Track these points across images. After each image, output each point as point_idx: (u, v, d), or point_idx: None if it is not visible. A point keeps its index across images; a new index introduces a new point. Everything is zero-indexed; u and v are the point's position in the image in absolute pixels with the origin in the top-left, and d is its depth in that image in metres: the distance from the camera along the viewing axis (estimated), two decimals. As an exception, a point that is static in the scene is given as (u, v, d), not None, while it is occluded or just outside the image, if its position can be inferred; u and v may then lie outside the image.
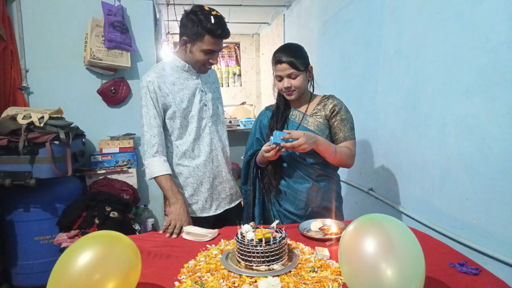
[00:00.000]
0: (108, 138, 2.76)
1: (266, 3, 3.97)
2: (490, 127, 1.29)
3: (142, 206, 2.89)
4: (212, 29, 1.42)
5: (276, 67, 1.45)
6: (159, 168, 1.47)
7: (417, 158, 1.71)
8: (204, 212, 1.61)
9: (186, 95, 1.55)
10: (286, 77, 1.44)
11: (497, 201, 1.27)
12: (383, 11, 1.98)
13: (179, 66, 1.56)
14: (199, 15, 1.43)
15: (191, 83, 1.58)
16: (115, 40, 2.62)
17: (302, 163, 1.49)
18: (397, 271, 0.71)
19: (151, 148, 1.48)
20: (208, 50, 1.47)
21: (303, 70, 1.44)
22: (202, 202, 1.60)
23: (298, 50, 1.46)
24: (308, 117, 1.51)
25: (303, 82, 1.45)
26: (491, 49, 1.27)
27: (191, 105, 1.56)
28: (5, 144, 2.04)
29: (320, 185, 1.51)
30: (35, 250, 2.25)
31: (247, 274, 0.95)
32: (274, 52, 1.47)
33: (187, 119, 1.56)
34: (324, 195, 1.52)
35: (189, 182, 1.58)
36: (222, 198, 1.66)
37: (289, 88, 1.45)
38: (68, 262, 0.76)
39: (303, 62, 1.44)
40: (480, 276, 0.93)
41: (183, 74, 1.57)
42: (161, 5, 3.86)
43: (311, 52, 3.24)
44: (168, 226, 1.36)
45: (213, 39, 1.45)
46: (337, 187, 1.57)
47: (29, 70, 2.65)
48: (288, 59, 1.40)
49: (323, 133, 1.48)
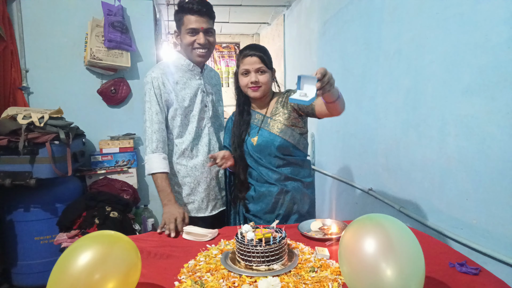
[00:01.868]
0: (108, 138, 2.76)
1: (266, 3, 3.97)
2: (490, 127, 1.28)
3: (142, 206, 2.89)
4: (187, 7, 1.46)
5: (244, 61, 1.44)
6: (157, 165, 1.47)
7: (417, 158, 1.71)
8: (200, 212, 1.61)
9: (188, 94, 1.55)
10: (254, 72, 1.43)
11: (497, 201, 1.27)
12: (383, 11, 1.97)
13: (183, 64, 1.58)
14: (178, 4, 1.50)
15: (194, 83, 1.58)
16: (115, 40, 2.62)
17: (268, 167, 1.47)
18: (397, 271, 0.71)
19: (151, 144, 1.49)
20: (190, 30, 1.49)
21: (270, 69, 1.47)
22: (199, 202, 1.60)
23: (266, 50, 1.48)
24: (269, 119, 1.49)
25: (269, 80, 1.46)
26: (491, 49, 1.27)
27: (193, 104, 1.57)
28: (5, 144, 2.04)
29: (288, 188, 1.47)
30: (35, 250, 2.25)
31: (247, 274, 0.95)
32: (241, 50, 1.49)
33: (187, 118, 1.57)
34: (293, 199, 1.47)
35: (186, 182, 1.58)
36: (218, 199, 1.67)
37: (257, 83, 1.44)
38: (68, 262, 0.76)
39: (270, 62, 1.48)
40: (480, 276, 0.93)
41: (186, 73, 1.58)
42: (161, 5, 3.86)
43: (311, 52, 3.24)
44: (164, 226, 1.34)
45: (191, 15, 1.47)
46: (309, 191, 1.53)
47: (29, 70, 2.65)
48: (258, 54, 1.43)
49: (287, 135, 1.45)
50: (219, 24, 4.91)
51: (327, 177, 2.92)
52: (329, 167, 2.89)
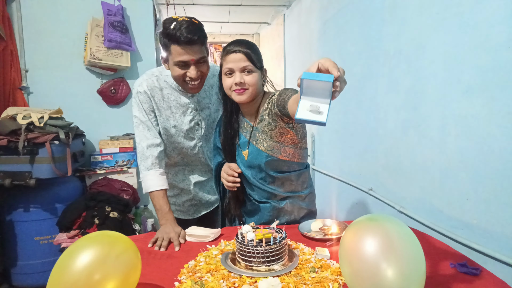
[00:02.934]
0: (108, 138, 2.76)
1: (266, 3, 3.97)
2: (490, 127, 1.28)
3: (142, 206, 2.89)
4: (174, 36, 1.23)
5: (227, 58, 1.22)
6: (154, 182, 1.40)
7: (417, 158, 1.71)
8: (181, 215, 1.65)
9: (175, 114, 1.45)
10: (238, 71, 1.21)
11: (497, 201, 1.27)
12: (383, 11, 1.97)
13: (173, 83, 1.42)
14: (164, 25, 1.27)
15: (183, 101, 1.45)
16: (115, 40, 2.62)
17: (262, 188, 1.36)
18: (397, 272, 0.71)
19: (145, 161, 1.41)
20: (179, 62, 1.28)
21: (259, 68, 1.25)
22: (180, 206, 1.65)
23: (254, 45, 1.26)
24: (257, 133, 1.30)
25: (258, 81, 1.24)
26: (491, 49, 1.27)
27: (180, 125, 1.47)
28: (5, 144, 2.04)
29: (285, 205, 1.38)
30: (35, 250, 2.25)
31: (247, 275, 0.95)
32: (225, 46, 1.26)
33: (170, 139, 1.49)
34: (290, 213, 1.40)
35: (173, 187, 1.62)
36: (202, 204, 1.68)
37: (242, 85, 1.21)
38: (68, 262, 0.76)
39: (259, 59, 1.25)
40: (480, 276, 0.93)
41: (175, 91, 1.45)
42: (161, 5, 3.86)
43: (311, 52, 3.24)
44: (156, 241, 1.23)
45: (179, 47, 1.25)
46: (305, 204, 1.42)
47: (29, 70, 2.65)
48: (244, 50, 1.20)
49: (276, 151, 1.29)
50: (219, 24, 4.91)
51: (327, 177, 2.92)
52: (329, 167, 2.89)
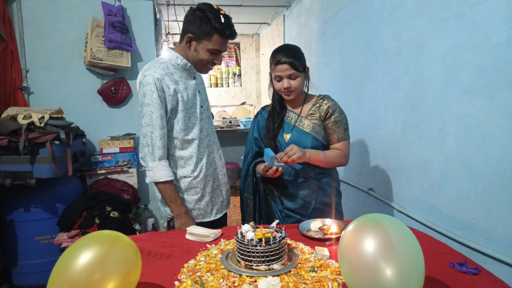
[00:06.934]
0: (108, 138, 2.76)
1: (266, 3, 3.97)
2: (490, 127, 1.29)
3: (143, 206, 2.89)
4: (222, 29, 1.39)
5: (276, 68, 1.45)
6: (165, 173, 1.39)
7: (417, 158, 1.71)
8: (206, 217, 1.55)
9: (190, 95, 1.49)
10: (286, 78, 1.45)
11: (497, 201, 1.27)
12: (383, 11, 1.98)
13: (180, 64, 1.48)
14: (207, 13, 1.39)
15: (191, 83, 1.51)
16: (116, 40, 2.62)
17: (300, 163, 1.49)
18: (396, 271, 0.71)
19: (157, 151, 1.39)
20: (215, 50, 1.44)
21: (302, 71, 1.46)
22: (204, 207, 1.54)
23: (297, 51, 1.48)
24: (303, 119, 1.54)
25: (301, 83, 1.48)
26: (491, 49, 1.27)
27: (194, 106, 1.51)
28: (6, 144, 2.04)
29: (320, 183, 1.54)
30: (35, 250, 2.26)
31: (247, 274, 0.95)
32: (273, 53, 1.48)
33: (191, 120, 1.49)
34: (324, 192, 1.55)
35: (192, 188, 1.51)
36: (220, 202, 1.62)
37: (289, 89, 1.46)
38: (68, 262, 0.76)
39: (302, 63, 1.47)
40: (479, 276, 0.93)
41: (183, 73, 1.50)
42: (161, 5, 3.86)
43: (311, 52, 3.24)
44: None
45: (221, 39, 1.42)
46: (336, 184, 1.61)
47: (29, 70, 2.65)
48: (289, 60, 1.42)
49: (318, 134, 1.51)
50: (219, 24, 4.90)
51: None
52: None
